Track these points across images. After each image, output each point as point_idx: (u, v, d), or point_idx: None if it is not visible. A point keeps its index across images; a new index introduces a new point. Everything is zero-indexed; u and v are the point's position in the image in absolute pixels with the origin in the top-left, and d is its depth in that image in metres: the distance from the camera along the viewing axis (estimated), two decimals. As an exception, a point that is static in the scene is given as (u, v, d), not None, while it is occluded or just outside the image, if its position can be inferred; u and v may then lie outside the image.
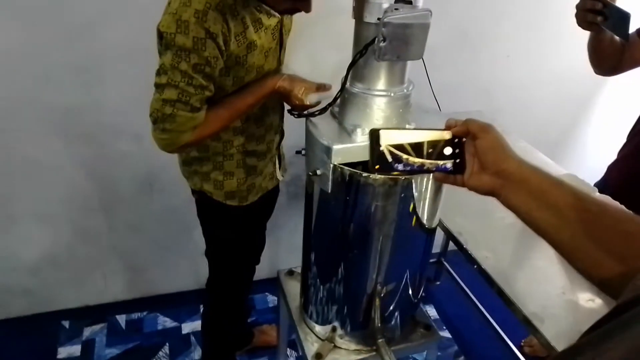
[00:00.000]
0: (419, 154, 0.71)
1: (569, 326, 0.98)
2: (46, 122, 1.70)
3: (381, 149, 0.70)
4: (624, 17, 1.18)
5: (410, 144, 0.71)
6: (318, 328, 1.24)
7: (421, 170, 0.71)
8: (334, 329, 1.21)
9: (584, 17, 1.25)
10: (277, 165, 1.42)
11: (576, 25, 1.30)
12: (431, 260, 1.77)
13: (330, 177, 0.96)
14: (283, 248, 2.28)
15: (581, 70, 2.24)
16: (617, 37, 1.28)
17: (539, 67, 2.18)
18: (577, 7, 1.27)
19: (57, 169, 1.80)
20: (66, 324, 2.11)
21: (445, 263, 2.19)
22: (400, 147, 0.71)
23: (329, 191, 0.98)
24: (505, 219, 1.30)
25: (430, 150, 0.71)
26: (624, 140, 1.64)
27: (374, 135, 0.71)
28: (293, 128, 1.46)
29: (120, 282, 2.18)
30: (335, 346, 1.21)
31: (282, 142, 1.44)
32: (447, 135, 0.72)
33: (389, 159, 0.70)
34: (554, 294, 1.08)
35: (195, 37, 0.99)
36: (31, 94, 1.63)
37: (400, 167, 0.71)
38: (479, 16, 1.96)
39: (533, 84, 2.21)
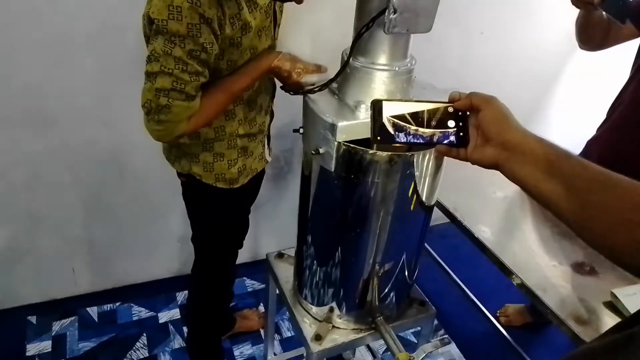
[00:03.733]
0: (421, 126, 0.70)
1: (569, 295, 1.01)
2: (3, 104, 1.57)
3: (383, 120, 0.68)
4: (624, 0, 1.18)
5: (412, 116, 0.70)
6: (315, 309, 1.22)
7: (423, 141, 0.70)
8: (331, 310, 1.20)
9: None
10: (266, 146, 1.38)
11: (543, 1, 1.30)
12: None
13: (334, 155, 0.94)
14: (261, 231, 2.24)
15: (547, 47, 2.32)
16: (608, 17, 1.28)
17: (509, 43, 2.22)
18: None
19: (16, 155, 1.68)
20: (33, 319, 1.99)
21: (421, 239, 2.22)
22: (402, 117, 0.69)
23: (332, 170, 0.96)
24: (497, 193, 1.33)
25: (432, 122, 0.70)
26: (589, 113, 1.70)
27: (377, 106, 0.69)
28: (276, 107, 1.41)
29: (90, 273, 2.08)
30: (333, 326, 1.20)
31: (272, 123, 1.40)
32: (450, 108, 0.71)
33: (391, 130, 0.69)
34: (550, 264, 1.11)
35: (190, 24, 0.93)
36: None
37: (402, 138, 0.69)
38: (454, -7, 1.96)
39: (504, 60, 2.25)
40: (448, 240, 2.28)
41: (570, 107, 2.63)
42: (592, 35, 1.43)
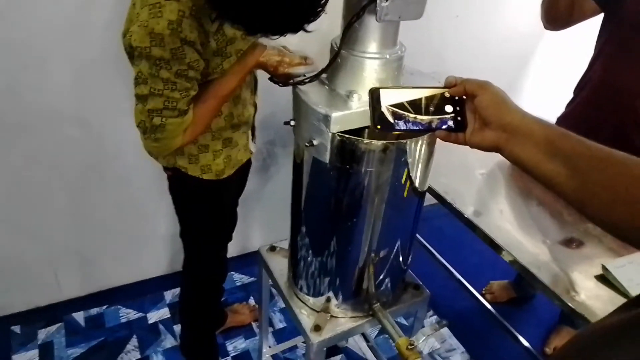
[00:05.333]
0: (419, 112, 0.71)
1: (560, 270, 1.04)
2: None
3: (382, 108, 0.69)
4: None
5: (410, 103, 0.70)
6: (312, 300, 1.23)
7: (422, 128, 0.71)
8: (328, 300, 1.20)
9: None
10: (250, 137, 1.37)
11: None
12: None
13: (329, 146, 0.93)
14: (246, 224, 2.23)
15: (519, 28, 2.36)
16: None
17: (484, 25, 2.25)
18: None
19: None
20: (17, 329, 1.94)
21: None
22: (400, 105, 0.70)
23: (327, 161, 0.95)
24: (484, 174, 1.36)
25: (430, 109, 0.71)
26: (562, 91, 1.74)
27: (375, 94, 0.70)
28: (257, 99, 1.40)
29: (74, 278, 2.03)
30: (331, 316, 1.21)
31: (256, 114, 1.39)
32: (446, 93, 0.72)
33: (390, 118, 0.70)
34: (539, 241, 1.14)
35: (173, 48, 0.93)
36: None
37: (401, 125, 0.70)
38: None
39: (479, 42, 2.28)
40: (431, 222, 2.32)
41: (543, 86, 2.69)
42: (558, 14, 1.48)
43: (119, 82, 1.55)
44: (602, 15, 1.48)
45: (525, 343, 1.77)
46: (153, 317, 2.03)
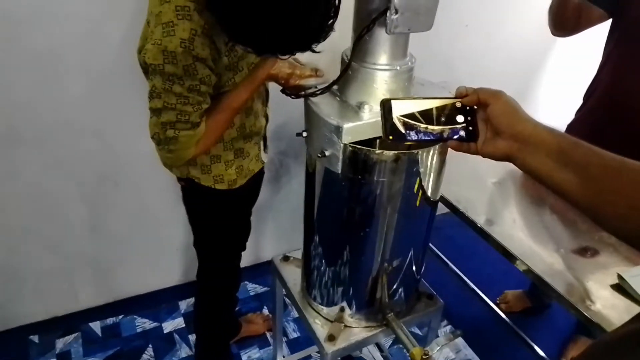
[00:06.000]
0: (430, 123, 0.71)
1: (575, 279, 1.04)
2: (-5, 122, 1.54)
3: (393, 119, 0.70)
4: None
5: (421, 113, 0.71)
6: (326, 310, 1.23)
7: (434, 138, 0.72)
8: (342, 309, 1.21)
9: None
10: (262, 147, 1.39)
11: None
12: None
13: (341, 157, 0.94)
14: (259, 234, 2.24)
15: (530, 35, 2.36)
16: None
17: (494, 34, 2.25)
18: None
19: (11, 172, 1.65)
20: (35, 338, 1.97)
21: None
22: (411, 116, 0.71)
23: (339, 172, 0.96)
24: (496, 182, 1.36)
25: (441, 119, 0.72)
26: (573, 98, 1.73)
27: (386, 105, 0.71)
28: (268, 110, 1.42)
29: (91, 288, 2.06)
30: (345, 326, 1.21)
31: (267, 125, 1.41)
32: (458, 103, 0.73)
33: (401, 129, 0.71)
34: (553, 250, 1.13)
35: (185, 65, 0.96)
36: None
37: (413, 136, 0.71)
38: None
39: (489, 51, 2.28)
40: (444, 231, 2.31)
41: (555, 93, 2.67)
42: (565, 20, 1.48)
43: (134, 93, 1.58)
44: (610, 21, 1.48)
45: (541, 353, 1.74)
46: (168, 326, 2.05)
